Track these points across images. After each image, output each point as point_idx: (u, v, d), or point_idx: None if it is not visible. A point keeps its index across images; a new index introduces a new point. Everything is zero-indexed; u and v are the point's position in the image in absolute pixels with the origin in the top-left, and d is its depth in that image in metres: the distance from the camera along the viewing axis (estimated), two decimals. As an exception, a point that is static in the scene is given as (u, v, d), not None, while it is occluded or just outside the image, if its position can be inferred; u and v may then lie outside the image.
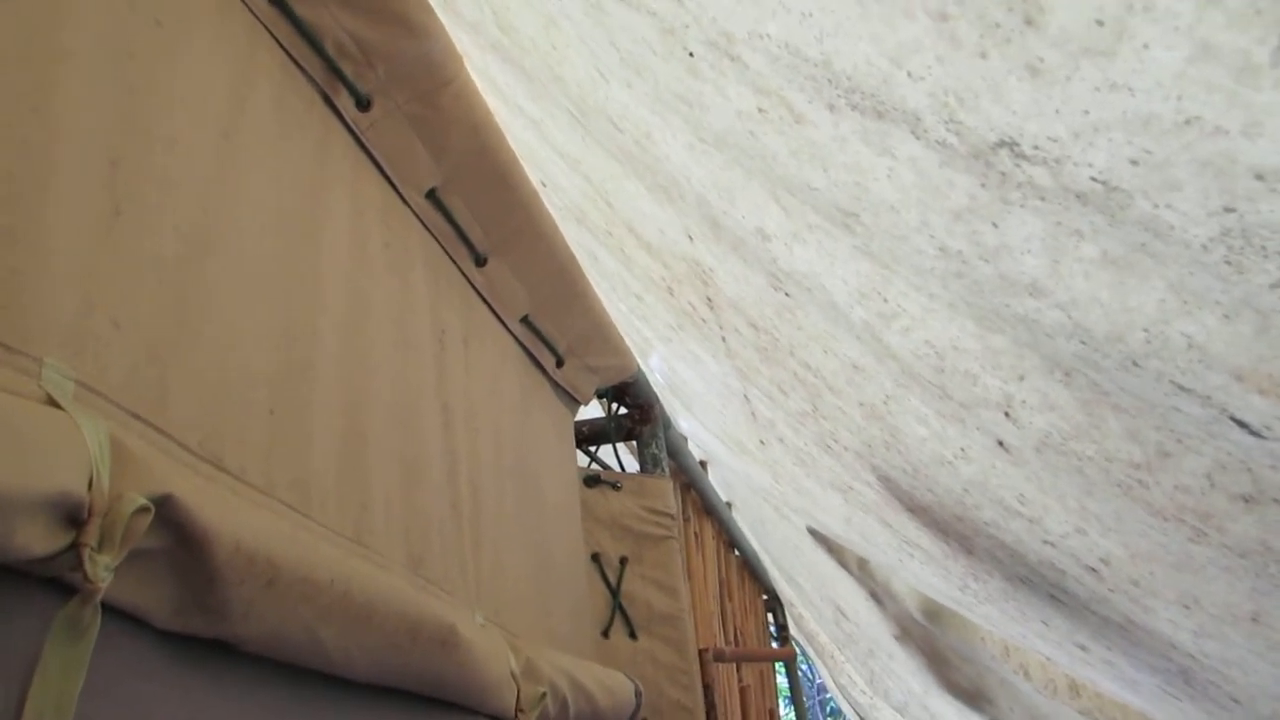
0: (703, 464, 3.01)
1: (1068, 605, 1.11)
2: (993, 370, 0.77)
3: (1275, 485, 0.65)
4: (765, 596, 4.04)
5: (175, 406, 0.73)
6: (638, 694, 1.80)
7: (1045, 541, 0.97)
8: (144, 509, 0.61)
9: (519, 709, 1.31)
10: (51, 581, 0.57)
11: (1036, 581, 1.12)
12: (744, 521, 3.46)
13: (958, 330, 0.76)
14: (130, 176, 0.70)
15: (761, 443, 1.70)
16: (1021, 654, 1.78)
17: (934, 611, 1.98)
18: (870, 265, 0.79)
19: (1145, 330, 0.60)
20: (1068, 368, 0.71)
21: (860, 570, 2.20)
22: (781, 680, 4.42)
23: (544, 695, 1.38)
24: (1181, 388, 0.62)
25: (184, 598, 0.68)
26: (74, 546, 0.57)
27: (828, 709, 10.68)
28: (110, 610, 0.61)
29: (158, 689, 0.67)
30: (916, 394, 0.91)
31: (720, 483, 3.23)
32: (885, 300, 0.82)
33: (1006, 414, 0.80)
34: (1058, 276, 0.62)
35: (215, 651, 0.72)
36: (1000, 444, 0.86)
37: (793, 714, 3.93)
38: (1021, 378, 0.76)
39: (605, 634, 2.03)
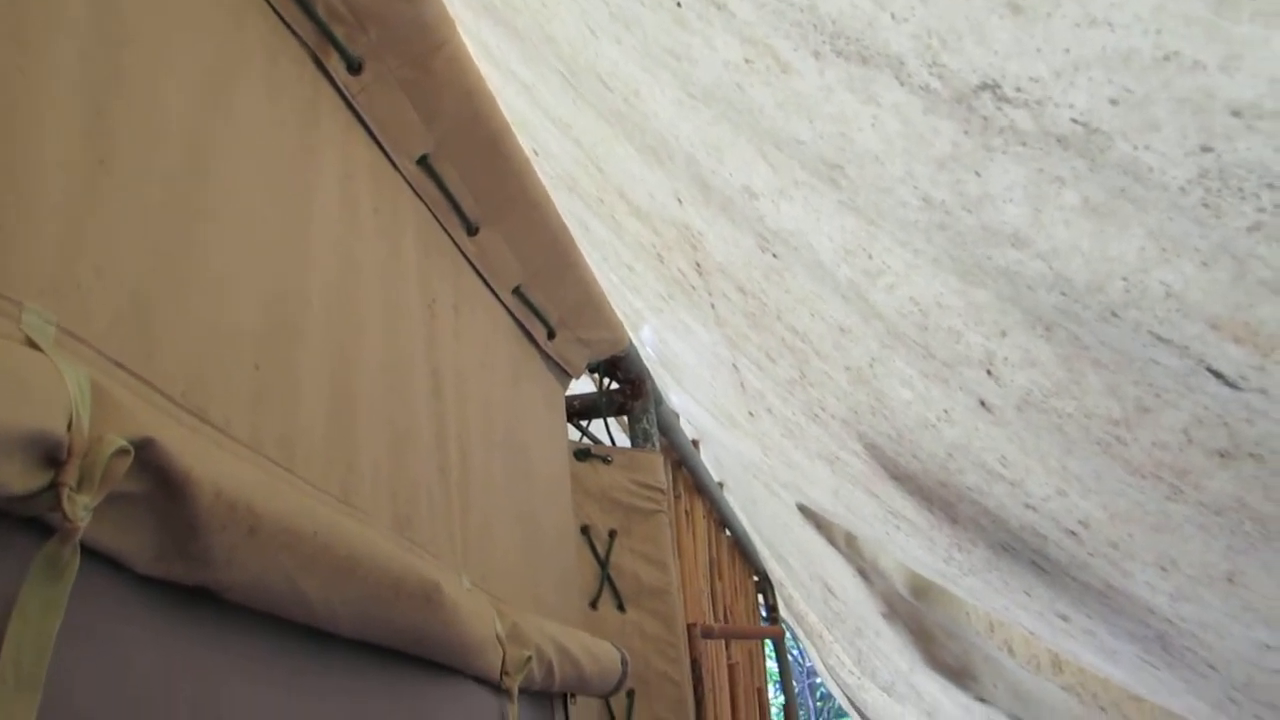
0: (695, 443, 3.02)
1: (1049, 572, 1.11)
2: (975, 326, 0.77)
3: (1250, 440, 0.65)
4: (756, 578, 4.06)
5: (159, 356, 0.73)
6: (624, 663, 1.81)
7: (1027, 505, 0.98)
8: (123, 451, 0.61)
9: (504, 671, 1.32)
10: (30, 522, 0.57)
11: (1019, 549, 1.13)
12: (735, 502, 3.47)
13: (941, 286, 0.76)
14: (116, 128, 0.70)
15: (751, 414, 1.70)
16: (1006, 629, 1.79)
17: (921, 588, 1.99)
18: (855, 220, 0.79)
19: (1124, 279, 0.60)
20: (1049, 322, 0.71)
21: (848, 547, 2.20)
22: (771, 665, 4.44)
23: (529, 659, 1.39)
24: (1160, 338, 0.62)
25: (164, 543, 0.68)
26: (53, 486, 0.56)
27: (818, 694, 10.74)
28: (91, 554, 0.61)
29: (139, 633, 0.67)
30: (901, 355, 0.92)
31: (712, 462, 3.24)
32: (870, 257, 0.82)
33: (989, 371, 0.80)
34: (1039, 225, 0.62)
35: (198, 600, 0.72)
36: (982, 404, 0.86)
37: (781, 695, 3.95)
38: (1003, 333, 0.76)
39: (593, 605, 2.04)
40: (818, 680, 10.64)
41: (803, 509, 2.32)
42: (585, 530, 2.11)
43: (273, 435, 0.87)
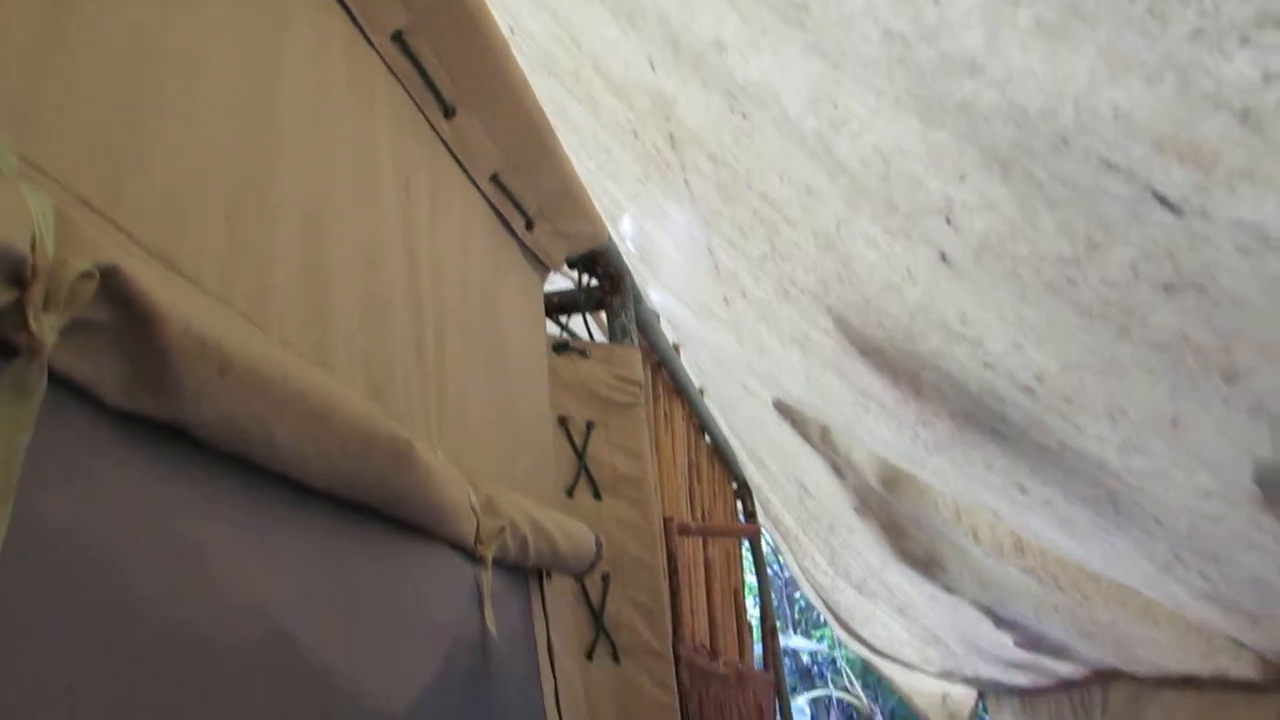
0: (676, 348, 3.04)
1: (1008, 438, 1.15)
2: (935, 171, 0.79)
3: (1194, 268, 0.67)
4: (735, 485, 4.13)
5: (126, 199, 0.74)
6: (598, 544, 1.85)
7: (985, 364, 1.00)
8: (89, 275, 0.62)
9: (478, 539, 1.35)
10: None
11: (980, 415, 1.16)
12: (716, 408, 3.52)
13: (902, 129, 0.77)
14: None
15: (725, 301, 1.72)
16: (971, 515, 1.84)
17: (891, 479, 2.04)
18: (821, 65, 0.79)
19: (1075, 102, 0.62)
20: (1005, 160, 0.72)
21: (823, 442, 2.25)
22: (750, 580, 4.53)
23: (503, 528, 1.42)
24: (1108, 164, 0.64)
25: (134, 375, 0.69)
26: (18, 305, 0.57)
27: (796, 607, 11.01)
28: (63, 387, 0.62)
29: (110, 465, 0.69)
30: (866, 211, 0.93)
31: (693, 366, 3.27)
32: (835, 106, 0.82)
33: (948, 219, 0.82)
34: (995, 50, 0.63)
35: (172, 441, 0.74)
36: (943, 257, 0.88)
37: (759, 608, 4.06)
38: (962, 177, 0.77)
39: (570, 493, 2.08)
40: (797, 595, 10.91)
41: (779, 406, 2.36)
42: (563, 421, 2.14)
43: (244, 292, 0.88)
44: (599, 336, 2.48)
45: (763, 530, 4.02)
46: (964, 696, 4.15)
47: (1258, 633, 1.19)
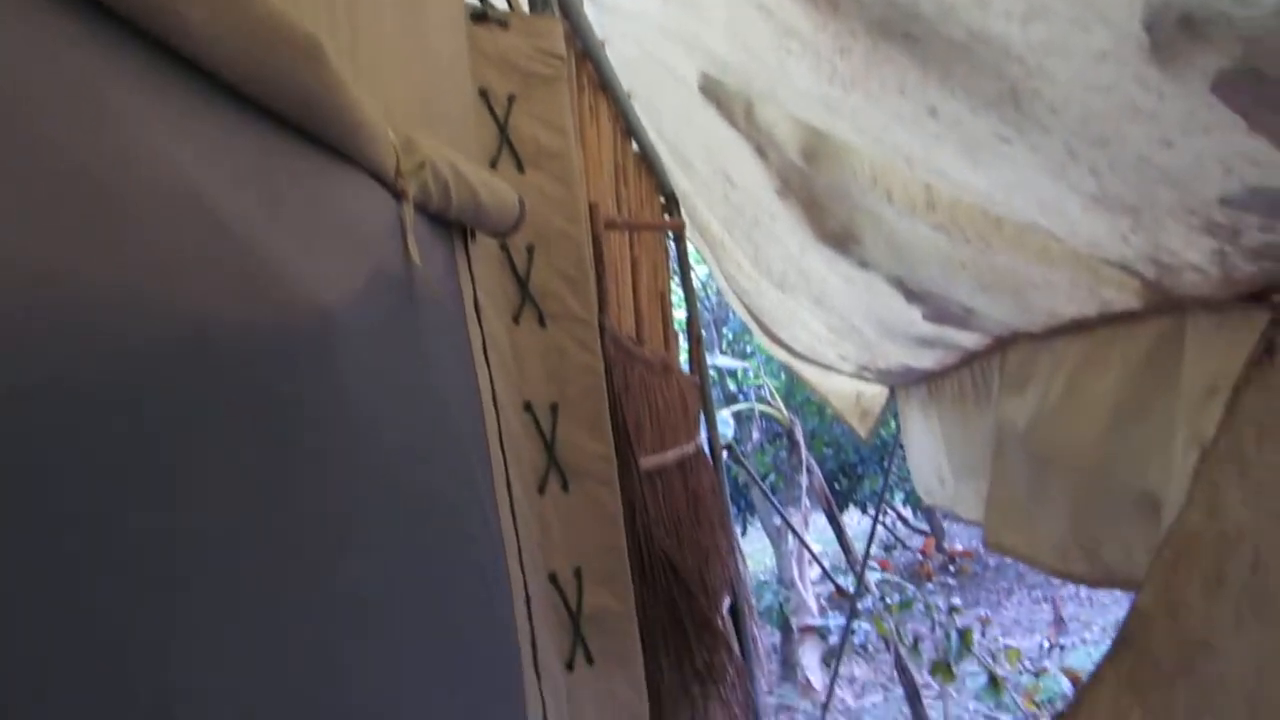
0: (602, 45, 2.94)
1: (920, 40, 1.16)
2: None
3: None
4: (663, 200, 4.14)
5: None
6: (521, 203, 1.87)
7: (901, -57, 1.00)
8: None
9: (398, 173, 1.34)
10: None
11: (894, 21, 1.16)
12: (643, 113, 3.46)
13: None
14: None
15: (646, -57, 1.65)
16: (886, 177, 1.89)
17: (811, 151, 2.07)
18: None
19: None
20: None
21: (746, 122, 2.25)
22: (681, 318, 4.63)
23: (423, 165, 1.41)
24: None
25: None
26: None
27: (725, 339, 11.41)
28: None
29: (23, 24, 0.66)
30: None
31: (620, 64, 3.18)
32: None
33: None
34: None
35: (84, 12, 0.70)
36: None
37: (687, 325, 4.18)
38: None
39: (493, 165, 2.08)
40: (725, 329, 11.29)
41: (704, 88, 2.34)
42: (483, 94, 2.09)
43: None
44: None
45: (689, 239, 4.08)
46: (876, 395, 4.44)
47: (1139, 236, 1.28)
